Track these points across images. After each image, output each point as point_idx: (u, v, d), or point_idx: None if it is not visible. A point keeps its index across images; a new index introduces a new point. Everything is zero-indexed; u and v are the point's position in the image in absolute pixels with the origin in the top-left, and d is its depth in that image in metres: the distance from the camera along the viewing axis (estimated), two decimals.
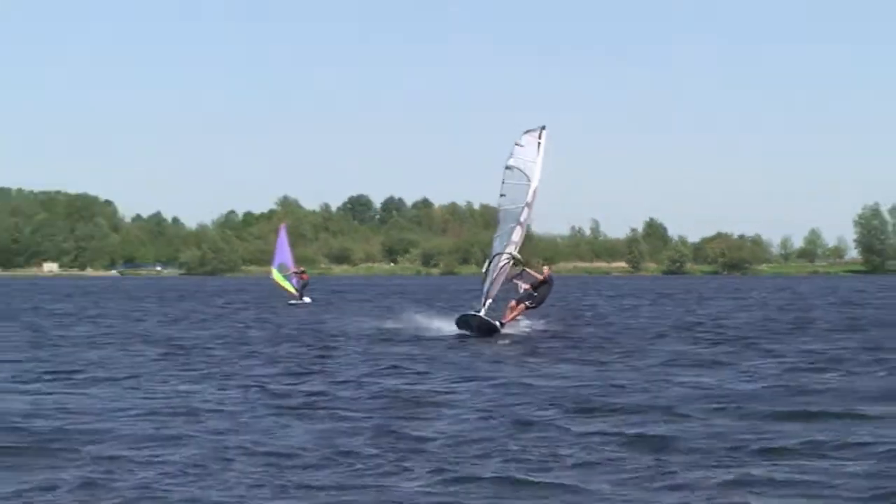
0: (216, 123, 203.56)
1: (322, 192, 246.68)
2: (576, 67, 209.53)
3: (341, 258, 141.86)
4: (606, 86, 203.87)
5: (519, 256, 19.30)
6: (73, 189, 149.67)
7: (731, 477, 6.65)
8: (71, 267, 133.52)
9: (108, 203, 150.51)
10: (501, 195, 19.76)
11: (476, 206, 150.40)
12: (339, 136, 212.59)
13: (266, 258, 60.18)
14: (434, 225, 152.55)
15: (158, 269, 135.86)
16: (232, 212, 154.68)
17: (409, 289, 60.23)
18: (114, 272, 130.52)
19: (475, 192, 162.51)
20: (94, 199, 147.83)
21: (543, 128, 19.47)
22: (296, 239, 74.64)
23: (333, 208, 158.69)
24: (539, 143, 19.21)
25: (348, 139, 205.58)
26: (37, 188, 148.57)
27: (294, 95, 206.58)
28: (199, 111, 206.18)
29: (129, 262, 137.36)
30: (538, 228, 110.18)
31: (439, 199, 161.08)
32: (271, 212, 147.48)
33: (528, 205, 19.04)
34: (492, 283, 18.91)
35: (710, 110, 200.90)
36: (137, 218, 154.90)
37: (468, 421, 9.05)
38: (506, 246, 19.16)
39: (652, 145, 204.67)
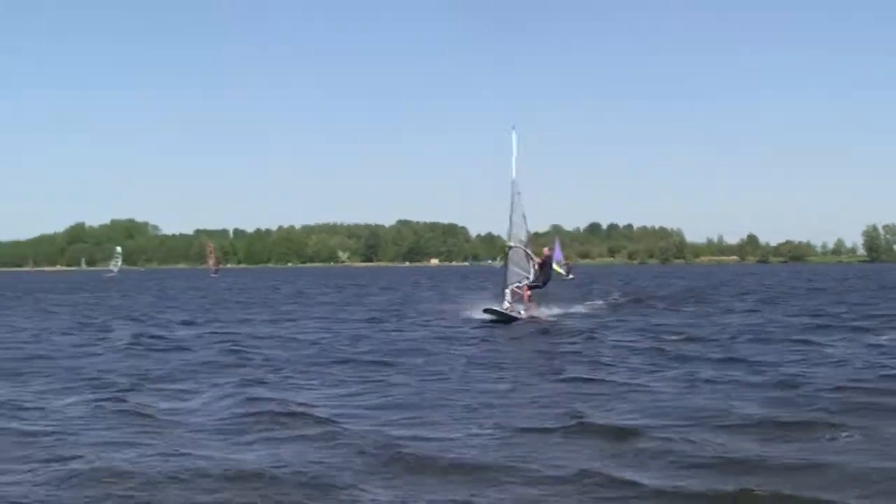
0: None
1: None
2: None
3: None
4: None
5: (512, 244, 20.80)
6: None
7: None
8: (444, 261, 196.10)
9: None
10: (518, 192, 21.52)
11: None
12: None
13: None
14: None
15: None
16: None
17: None
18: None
19: None
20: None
21: (513, 127, 21.44)
22: None
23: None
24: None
25: None
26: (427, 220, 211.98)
27: None
28: None
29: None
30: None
31: None
32: None
33: (513, 202, 21.10)
34: (507, 272, 21.06)
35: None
36: None
37: None
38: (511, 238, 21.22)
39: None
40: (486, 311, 20.47)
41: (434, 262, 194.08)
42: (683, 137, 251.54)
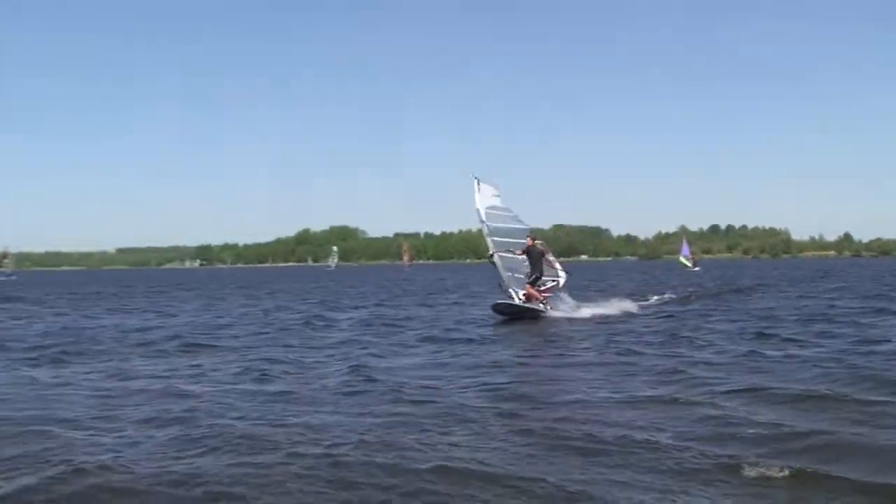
0: None
1: None
2: None
3: None
4: None
5: (495, 252, 19.89)
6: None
7: None
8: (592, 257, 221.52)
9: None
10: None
11: None
12: None
13: None
14: None
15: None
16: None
17: None
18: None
19: None
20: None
21: (475, 178, 20.35)
22: None
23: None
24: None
25: None
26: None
27: None
28: None
29: None
30: None
31: None
32: None
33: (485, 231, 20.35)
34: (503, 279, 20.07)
35: None
36: None
37: None
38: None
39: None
40: (498, 307, 19.59)
41: (584, 257, 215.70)
42: (794, 150, 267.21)
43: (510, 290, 19.81)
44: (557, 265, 20.94)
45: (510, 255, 20.18)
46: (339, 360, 12.40)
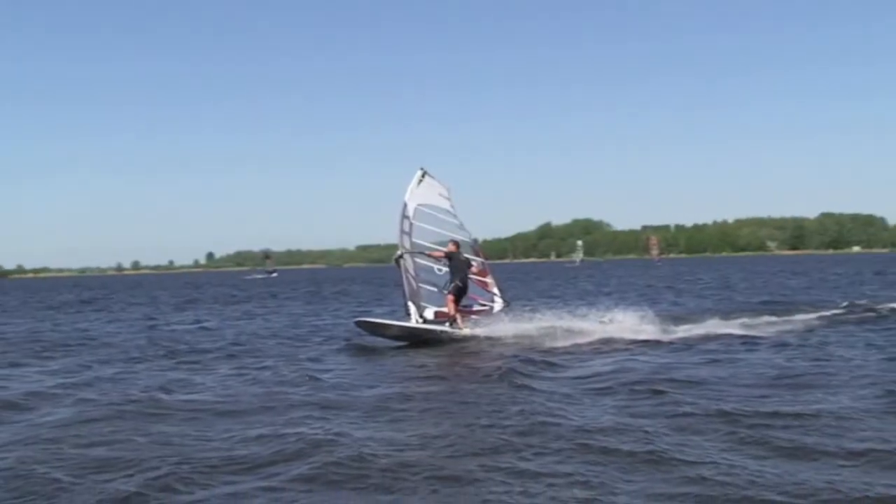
0: None
1: None
2: None
3: None
4: None
5: (403, 252, 16.84)
6: None
7: None
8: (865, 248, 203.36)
9: None
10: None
11: None
12: None
13: None
14: None
15: None
16: None
17: None
18: None
19: None
20: None
21: (422, 169, 17.82)
22: None
23: None
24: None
25: None
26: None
27: None
28: None
29: None
30: None
31: None
32: None
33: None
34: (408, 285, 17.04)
35: None
36: None
37: None
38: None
39: None
40: (359, 323, 17.05)
41: (856, 249, 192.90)
42: None
43: (412, 306, 16.68)
44: (496, 289, 18.25)
45: (428, 263, 17.23)
46: None
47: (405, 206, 17.27)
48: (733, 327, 16.63)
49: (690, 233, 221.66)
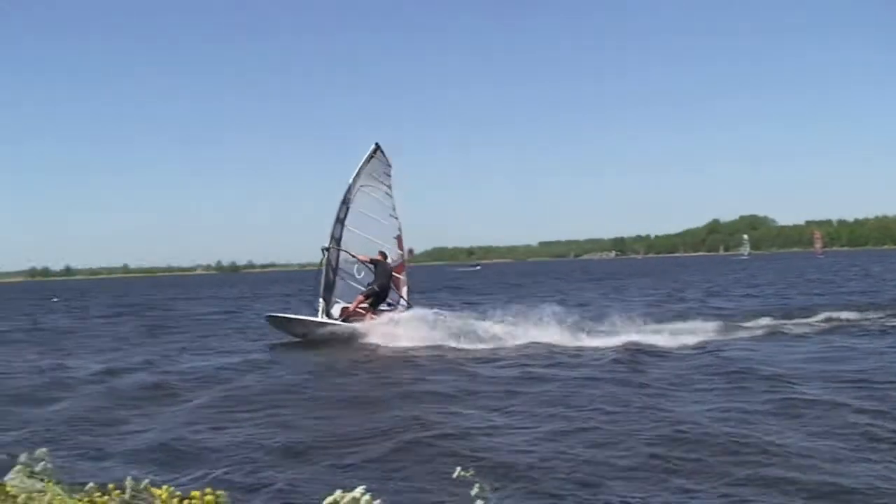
0: None
1: None
2: None
3: None
4: None
5: (329, 247, 16.95)
6: None
7: None
8: None
9: None
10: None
11: None
12: None
13: None
14: None
15: None
16: None
17: None
18: None
19: None
20: None
21: (375, 144, 17.77)
22: None
23: None
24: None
25: None
26: None
27: None
28: None
29: None
30: None
31: None
32: None
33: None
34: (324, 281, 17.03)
35: None
36: None
37: None
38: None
39: None
40: (276, 321, 17.28)
41: None
42: None
43: (322, 302, 16.73)
44: (404, 292, 17.93)
45: (351, 258, 17.12)
46: None
47: (349, 188, 16.98)
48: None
49: (852, 227, 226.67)
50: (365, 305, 16.77)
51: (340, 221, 17.08)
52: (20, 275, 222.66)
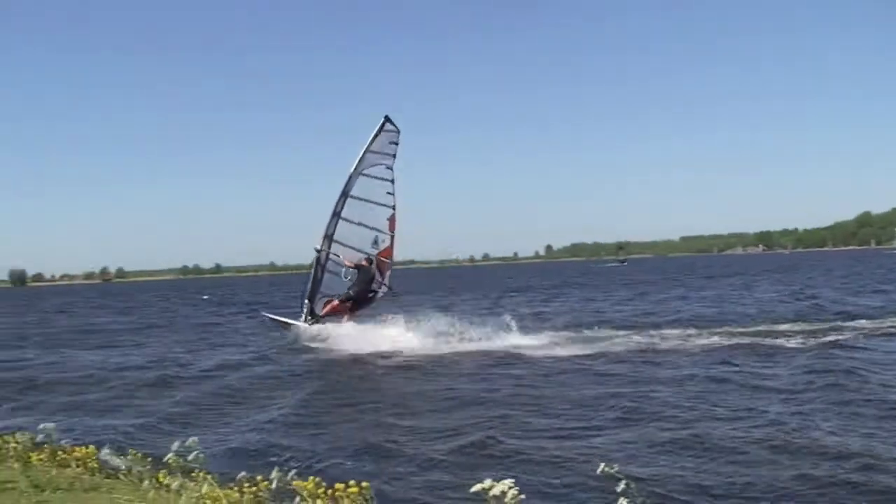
0: None
1: None
2: None
3: None
4: None
5: (321, 248, 17.49)
6: None
7: None
8: None
9: None
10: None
11: None
12: None
13: None
14: None
15: None
16: None
17: None
18: None
19: None
20: None
21: (386, 117, 17.64)
22: None
23: None
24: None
25: None
26: None
27: None
28: None
29: None
30: None
31: None
32: None
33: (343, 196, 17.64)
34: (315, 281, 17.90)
35: None
36: None
37: None
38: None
39: None
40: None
41: None
42: None
43: (307, 304, 17.55)
44: (387, 276, 18.31)
45: (336, 259, 17.53)
46: None
47: (361, 159, 17.07)
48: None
49: None
50: (340, 309, 17.68)
51: (337, 215, 17.46)
52: (172, 272, 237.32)
